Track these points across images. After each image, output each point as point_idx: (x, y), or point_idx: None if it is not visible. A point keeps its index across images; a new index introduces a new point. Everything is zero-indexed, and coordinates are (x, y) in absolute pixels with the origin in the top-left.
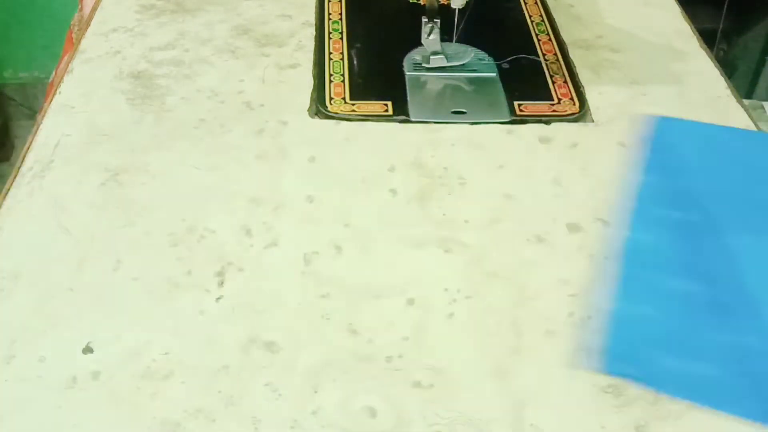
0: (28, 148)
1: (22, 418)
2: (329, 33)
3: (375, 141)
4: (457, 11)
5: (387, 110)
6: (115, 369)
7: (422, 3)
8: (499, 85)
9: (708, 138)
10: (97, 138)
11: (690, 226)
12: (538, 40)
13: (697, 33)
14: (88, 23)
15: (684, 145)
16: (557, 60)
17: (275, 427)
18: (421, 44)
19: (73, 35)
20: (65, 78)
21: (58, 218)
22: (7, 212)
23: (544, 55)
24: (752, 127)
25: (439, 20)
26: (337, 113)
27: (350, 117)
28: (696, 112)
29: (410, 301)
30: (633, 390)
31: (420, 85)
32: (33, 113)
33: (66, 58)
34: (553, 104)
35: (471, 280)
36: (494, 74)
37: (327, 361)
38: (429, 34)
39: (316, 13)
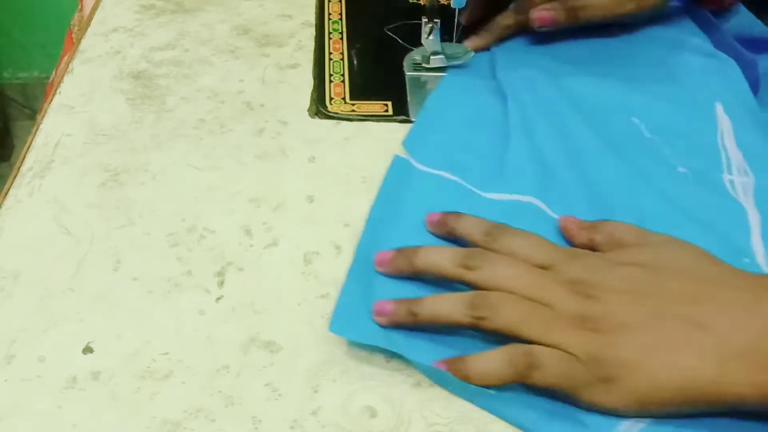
0: (28, 148)
1: (22, 418)
2: (329, 33)
3: (375, 141)
4: (457, 11)
5: (387, 110)
6: (115, 369)
7: (422, 3)
8: None
9: None
10: (97, 138)
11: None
12: None
13: None
14: (88, 23)
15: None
16: None
17: (275, 427)
18: (421, 44)
19: (73, 35)
20: (65, 78)
21: (58, 218)
22: (7, 212)
23: None
24: None
25: (439, 20)
26: (337, 113)
27: (350, 117)
28: None
29: None
30: None
31: (420, 85)
32: (33, 113)
33: (66, 58)
34: None
35: None
36: None
37: (327, 361)
38: (429, 34)
39: (316, 13)
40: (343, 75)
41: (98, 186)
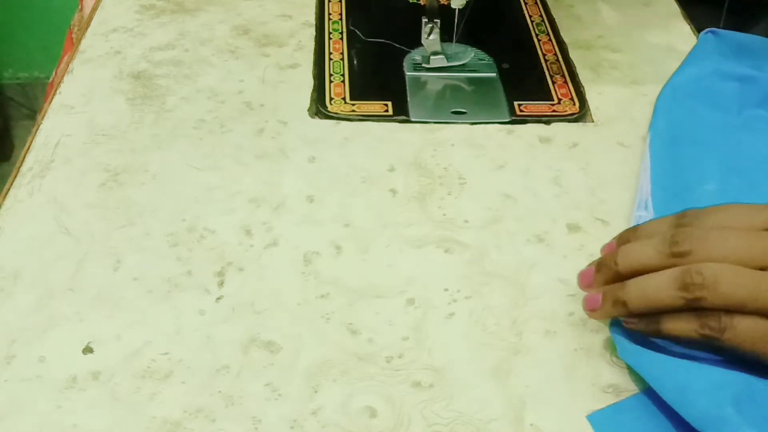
0: (28, 148)
1: (22, 418)
2: (329, 33)
3: (375, 141)
4: (457, 11)
5: (387, 110)
6: (115, 369)
7: (422, 3)
8: (499, 85)
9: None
10: (97, 138)
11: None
12: (538, 40)
13: (697, 33)
14: (88, 23)
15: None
16: (557, 60)
17: (275, 427)
18: (421, 44)
19: (73, 35)
20: (65, 78)
21: (58, 218)
22: (7, 212)
23: (544, 55)
24: None
25: (439, 20)
26: (337, 113)
27: (350, 117)
28: None
29: (410, 301)
30: (632, 389)
31: (420, 85)
32: (33, 113)
33: (66, 58)
34: (553, 104)
35: (471, 280)
36: (494, 74)
37: (327, 361)
38: (429, 34)
39: (316, 13)
40: (343, 75)
41: (98, 186)
